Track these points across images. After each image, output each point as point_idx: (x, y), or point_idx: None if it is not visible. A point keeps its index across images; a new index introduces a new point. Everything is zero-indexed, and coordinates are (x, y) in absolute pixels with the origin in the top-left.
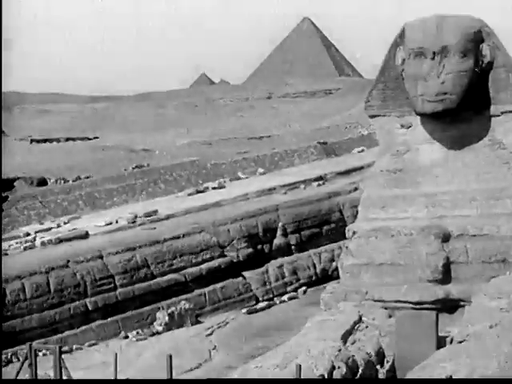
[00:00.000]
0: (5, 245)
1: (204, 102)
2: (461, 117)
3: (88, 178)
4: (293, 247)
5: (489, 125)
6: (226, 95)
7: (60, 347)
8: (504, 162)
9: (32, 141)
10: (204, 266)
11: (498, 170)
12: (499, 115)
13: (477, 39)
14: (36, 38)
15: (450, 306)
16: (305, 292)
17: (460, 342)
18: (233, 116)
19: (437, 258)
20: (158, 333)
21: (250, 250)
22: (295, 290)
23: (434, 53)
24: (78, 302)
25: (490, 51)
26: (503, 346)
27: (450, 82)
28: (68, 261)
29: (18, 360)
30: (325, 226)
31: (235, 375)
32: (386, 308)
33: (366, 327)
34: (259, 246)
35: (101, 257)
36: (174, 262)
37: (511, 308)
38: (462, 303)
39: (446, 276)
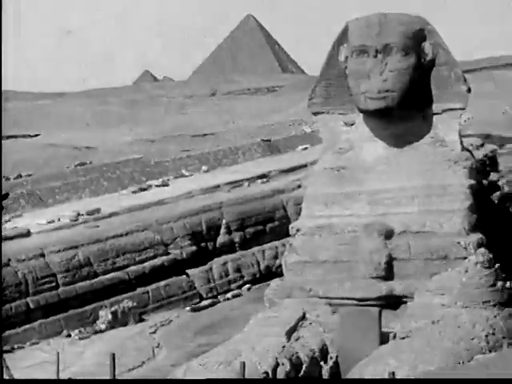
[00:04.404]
0: None
1: (147, 99)
2: (403, 114)
3: (30, 175)
4: (237, 245)
5: (431, 122)
6: (170, 92)
7: (1, 346)
8: (446, 160)
9: None
10: (147, 264)
11: (440, 168)
12: (441, 113)
13: (419, 37)
14: None
15: (393, 302)
16: (249, 289)
17: (403, 338)
18: (176, 113)
19: (380, 254)
20: (101, 331)
21: (194, 247)
22: (239, 287)
23: (376, 50)
24: (19, 301)
25: (432, 49)
26: (445, 341)
27: (392, 80)
28: (9, 259)
29: None
30: (269, 224)
31: (179, 373)
32: (329, 305)
33: (310, 324)
34: (203, 244)
35: (43, 255)
36: (117, 260)
37: (453, 304)
38: (404, 299)
39: (389, 272)
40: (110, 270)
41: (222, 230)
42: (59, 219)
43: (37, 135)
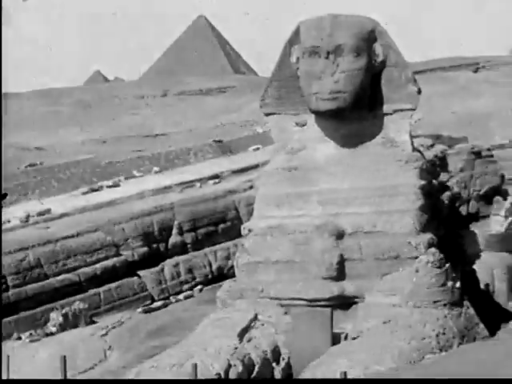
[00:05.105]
0: None
1: (98, 99)
2: (355, 115)
3: None
4: (189, 246)
5: (382, 123)
6: (121, 92)
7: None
8: (396, 160)
9: None
10: (99, 266)
11: (391, 168)
12: (392, 113)
13: (370, 38)
14: None
15: (344, 302)
16: (201, 290)
17: (354, 338)
18: (128, 114)
19: (331, 255)
20: (52, 333)
21: (146, 248)
22: (191, 288)
23: (327, 52)
24: None
25: (382, 50)
26: (397, 341)
27: (344, 81)
28: None
29: None
30: (221, 225)
31: (131, 375)
32: (281, 305)
33: (262, 325)
34: (155, 245)
35: None
36: (68, 261)
37: (404, 304)
38: (356, 300)
39: (340, 273)
40: (60, 272)
41: (174, 231)
42: (9, 220)
43: None
